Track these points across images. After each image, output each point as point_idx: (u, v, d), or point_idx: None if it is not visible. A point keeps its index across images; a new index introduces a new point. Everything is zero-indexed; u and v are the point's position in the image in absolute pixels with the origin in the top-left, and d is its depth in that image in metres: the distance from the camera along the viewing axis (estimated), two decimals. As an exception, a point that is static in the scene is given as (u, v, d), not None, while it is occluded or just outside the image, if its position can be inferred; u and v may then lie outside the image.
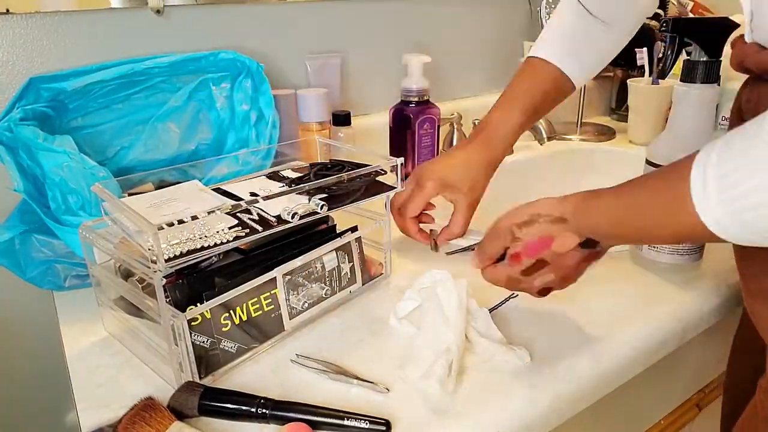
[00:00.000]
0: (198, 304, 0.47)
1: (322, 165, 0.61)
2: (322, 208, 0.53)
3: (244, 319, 0.50)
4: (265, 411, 0.44)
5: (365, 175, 0.58)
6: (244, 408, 0.44)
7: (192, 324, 0.47)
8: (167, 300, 0.47)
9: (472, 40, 1.14)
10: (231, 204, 0.49)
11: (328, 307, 0.59)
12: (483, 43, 1.16)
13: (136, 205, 0.49)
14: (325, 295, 0.58)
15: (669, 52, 0.67)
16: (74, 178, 0.59)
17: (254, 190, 0.57)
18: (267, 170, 0.66)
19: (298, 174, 0.61)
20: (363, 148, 0.80)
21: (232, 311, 0.49)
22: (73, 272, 0.63)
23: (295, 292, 0.54)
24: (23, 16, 0.71)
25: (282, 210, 0.52)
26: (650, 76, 1.13)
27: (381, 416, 0.43)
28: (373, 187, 0.60)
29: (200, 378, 0.48)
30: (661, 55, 1.13)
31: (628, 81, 1.16)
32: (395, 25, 1.03)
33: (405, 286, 0.60)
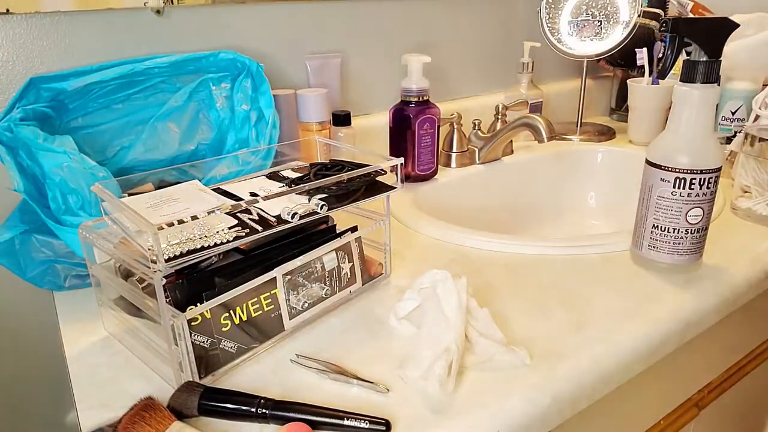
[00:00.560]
0: (198, 304, 0.47)
1: (322, 165, 0.61)
2: (322, 208, 0.54)
3: (244, 319, 0.50)
4: (265, 411, 0.44)
5: (365, 175, 0.58)
6: (244, 408, 0.44)
7: (192, 324, 0.47)
8: (167, 300, 0.47)
9: (472, 40, 1.14)
10: (231, 204, 0.49)
11: (328, 307, 0.59)
12: (483, 43, 1.16)
13: (135, 205, 0.49)
14: (325, 295, 0.58)
15: (669, 52, 0.67)
16: (74, 178, 0.59)
17: (254, 190, 0.57)
18: (267, 170, 0.66)
19: (298, 174, 0.61)
20: (363, 148, 0.80)
21: (232, 311, 0.49)
22: (73, 272, 0.63)
23: (295, 292, 0.54)
24: (23, 16, 0.71)
25: (282, 210, 0.52)
26: (650, 76, 1.13)
27: (381, 416, 0.43)
28: (373, 187, 0.60)
29: (200, 378, 0.48)
30: (661, 55, 1.13)
31: (628, 81, 1.17)
32: (395, 25, 1.03)
33: (405, 286, 0.60)
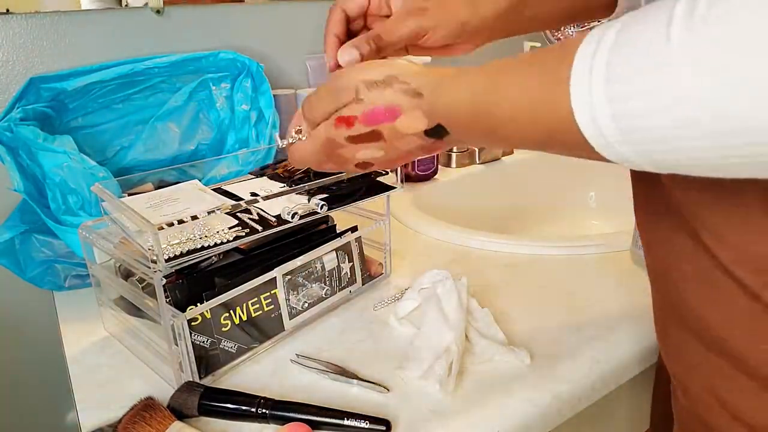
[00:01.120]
0: (198, 304, 0.47)
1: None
2: (322, 208, 0.54)
3: (244, 319, 0.50)
4: (265, 411, 0.44)
5: (365, 175, 0.58)
6: (244, 408, 0.44)
7: (192, 324, 0.47)
8: (167, 300, 0.47)
9: (472, 40, 1.14)
10: (231, 204, 0.49)
11: (328, 307, 0.59)
12: (483, 43, 1.15)
13: (135, 205, 0.49)
14: (325, 295, 0.58)
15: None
16: (74, 178, 0.59)
17: (254, 190, 0.57)
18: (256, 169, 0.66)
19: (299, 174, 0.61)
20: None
21: (232, 311, 0.49)
22: (73, 272, 0.63)
23: (295, 292, 0.54)
24: (23, 16, 0.71)
25: (282, 210, 0.52)
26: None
27: (381, 416, 0.43)
28: (373, 187, 0.60)
29: (200, 378, 0.48)
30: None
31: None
32: (395, 25, 1.03)
33: (405, 286, 0.60)
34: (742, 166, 0.25)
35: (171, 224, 0.44)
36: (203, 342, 0.48)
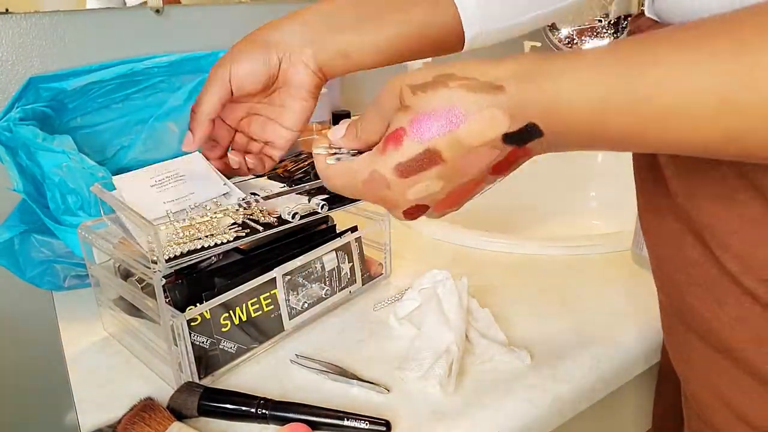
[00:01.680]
0: (198, 304, 0.47)
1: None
2: (322, 208, 0.53)
3: (244, 319, 0.50)
4: (264, 411, 0.44)
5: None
6: (244, 408, 0.44)
7: (192, 324, 0.46)
8: (167, 300, 0.47)
9: (472, 39, 1.14)
10: (233, 205, 0.49)
11: (328, 307, 0.58)
12: (483, 42, 1.15)
13: (140, 182, 0.48)
14: (325, 295, 0.57)
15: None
16: (73, 178, 0.58)
17: (254, 190, 0.57)
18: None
19: (299, 174, 0.61)
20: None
21: (231, 311, 0.49)
22: (73, 272, 0.63)
23: (295, 292, 0.54)
24: (23, 16, 0.71)
25: (282, 210, 0.52)
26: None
27: (381, 416, 0.43)
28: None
29: (200, 378, 0.48)
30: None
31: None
32: (395, 24, 1.03)
33: (405, 286, 0.60)
34: None
35: (172, 226, 0.44)
36: (203, 342, 0.48)
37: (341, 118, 0.87)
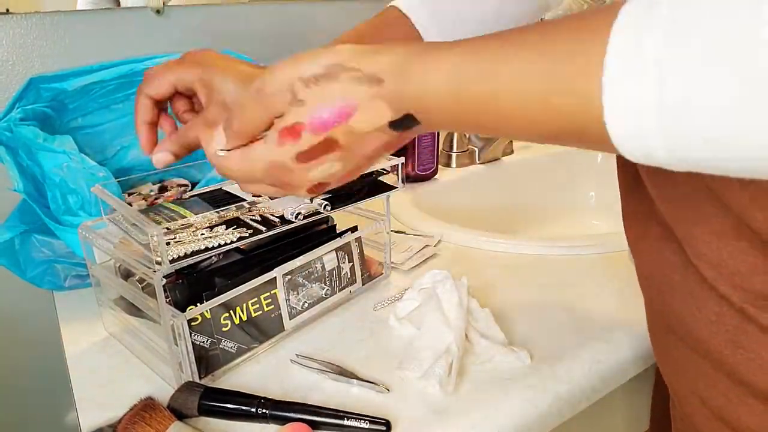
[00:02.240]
0: (198, 304, 0.47)
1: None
2: (325, 208, 0.54)
3: (244, 319, 0.50)
4: (265, 411, 0.44)
5: (366, 175, 0.58)
6: (244, 408, 0.44)
7: (192, 324, 0.47)
8: (167, 300, 0.47)
9: (472, 40, 1.14)
10: (234, 207, 0.49)
11: (328, 307, 0.59)
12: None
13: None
14: (325, 295, 0.58)
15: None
16: (74, 179, 0.59)
17: (254, 190, 0.57)
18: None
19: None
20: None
21: (232, 311, 0.49)
22: (73, 272, 0.63)
23: (295, 292, 0.54)
24: (23, 16, 0.71)
25: (285, 210, 0.52)
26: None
27: (381, 416, 0.43)
28: (374, 187, 0.60)
29: (200, 378, 0.48)
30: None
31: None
32: (395, 25, 1.03)
33: (405, 286, 0.60)
34: None
35: (173, 227, 0.44)
36: (203, 342, 0.48)
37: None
